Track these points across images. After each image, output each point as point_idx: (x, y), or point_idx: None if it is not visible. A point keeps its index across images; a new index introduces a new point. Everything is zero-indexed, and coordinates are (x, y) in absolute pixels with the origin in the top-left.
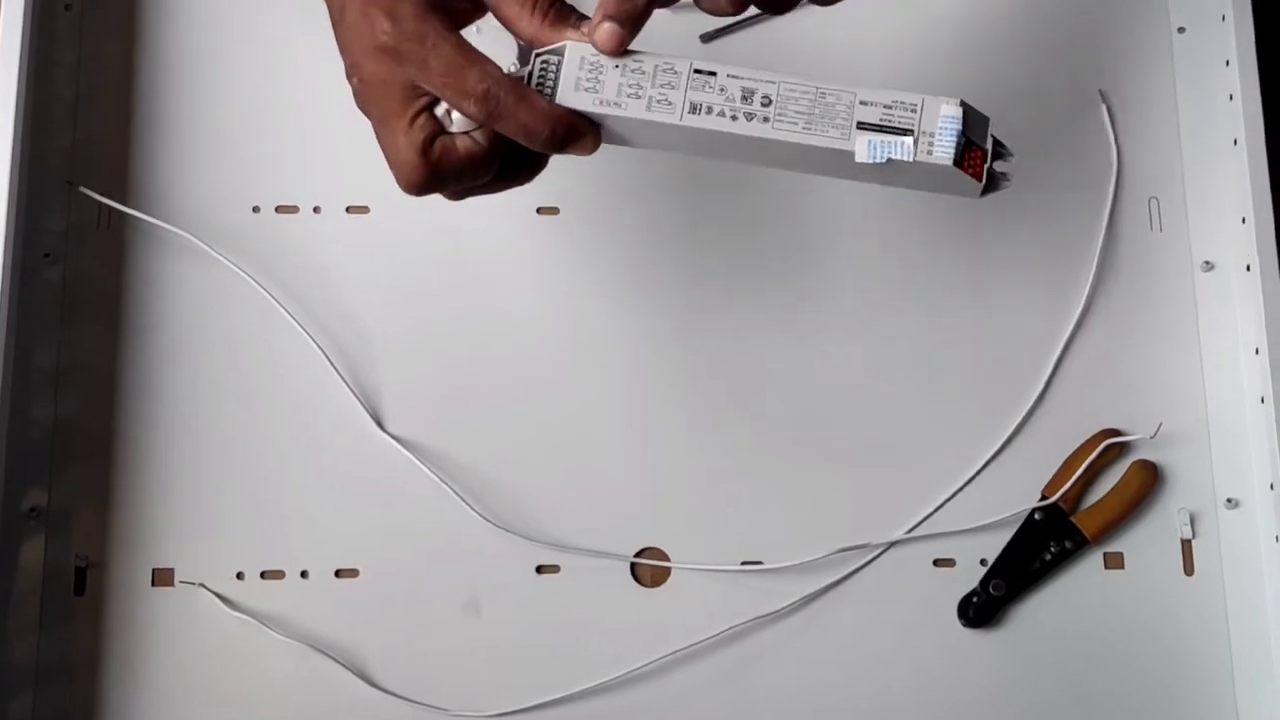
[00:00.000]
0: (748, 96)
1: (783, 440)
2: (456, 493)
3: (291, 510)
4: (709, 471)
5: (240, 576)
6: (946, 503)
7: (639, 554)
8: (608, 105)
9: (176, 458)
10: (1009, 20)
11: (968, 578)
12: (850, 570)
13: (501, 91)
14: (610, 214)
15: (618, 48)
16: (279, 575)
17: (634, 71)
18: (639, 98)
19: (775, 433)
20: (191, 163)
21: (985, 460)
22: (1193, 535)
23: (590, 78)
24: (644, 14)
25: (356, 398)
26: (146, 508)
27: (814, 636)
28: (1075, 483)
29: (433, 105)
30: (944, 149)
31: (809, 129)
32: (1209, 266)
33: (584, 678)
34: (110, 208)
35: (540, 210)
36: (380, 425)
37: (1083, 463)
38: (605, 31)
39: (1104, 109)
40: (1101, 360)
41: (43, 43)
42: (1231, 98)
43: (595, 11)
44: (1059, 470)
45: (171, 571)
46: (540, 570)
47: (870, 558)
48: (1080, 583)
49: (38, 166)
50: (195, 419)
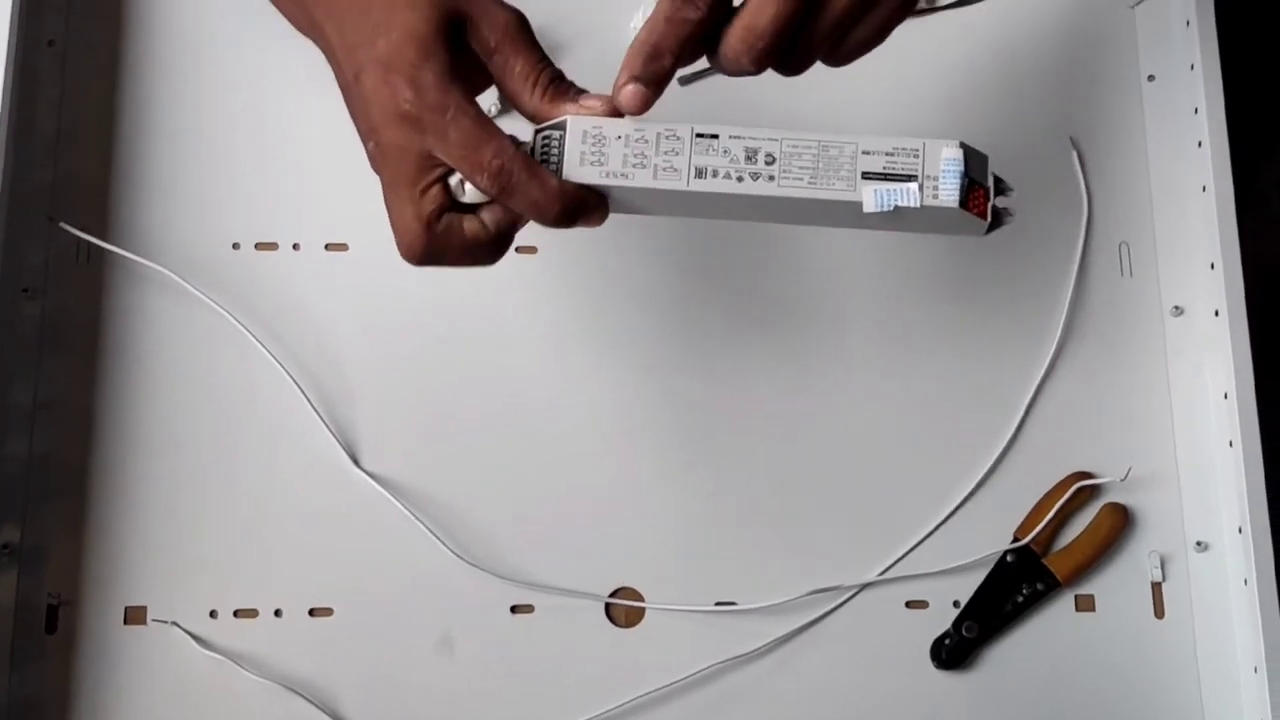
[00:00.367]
0: (751, 156)
1: (757, 481)
2: (431, 531)
3: (266, 548)
4: (683, 512)
5: (214, 615)
6: (919, 544)
7: (613, 594)
8: (615, 176)
9: (151, 495)
10: (982, 68)
11: (940, 619)
12: (823, 612)
13: (515, 168)
14: (589, 254)
15: (642, 108)
16: (252, 614)
17: (637, 141)
18: (644, 167)
19: (750, 474)
20: (172, 199)
21: (958, 502)
22: (1163, 578)
23: (594, 151)
24: (669, 75)
25: (333, 435)
26: (120, 545)
27: (787, 677)
28: (1047, 525)
29: (446, 176)
30: (949, 191)
31: (815, 183)
32: (1179, 311)
33: (558, 718)
34: (90, 243)
35: (519, 249)
36: (356, 462)
37: (1054, 505)
38: (630, 92)
39: (1075, 155)
40: (1073, 403)
41: (26, 78)
42: (1200, 145)
43: (620, 73)
44: (1031, 512)
45: (144, 609)
46: (515, 610)
47: (843, 599)
48: (1052, 625)
49: (18, 201)
50: (171, 456)
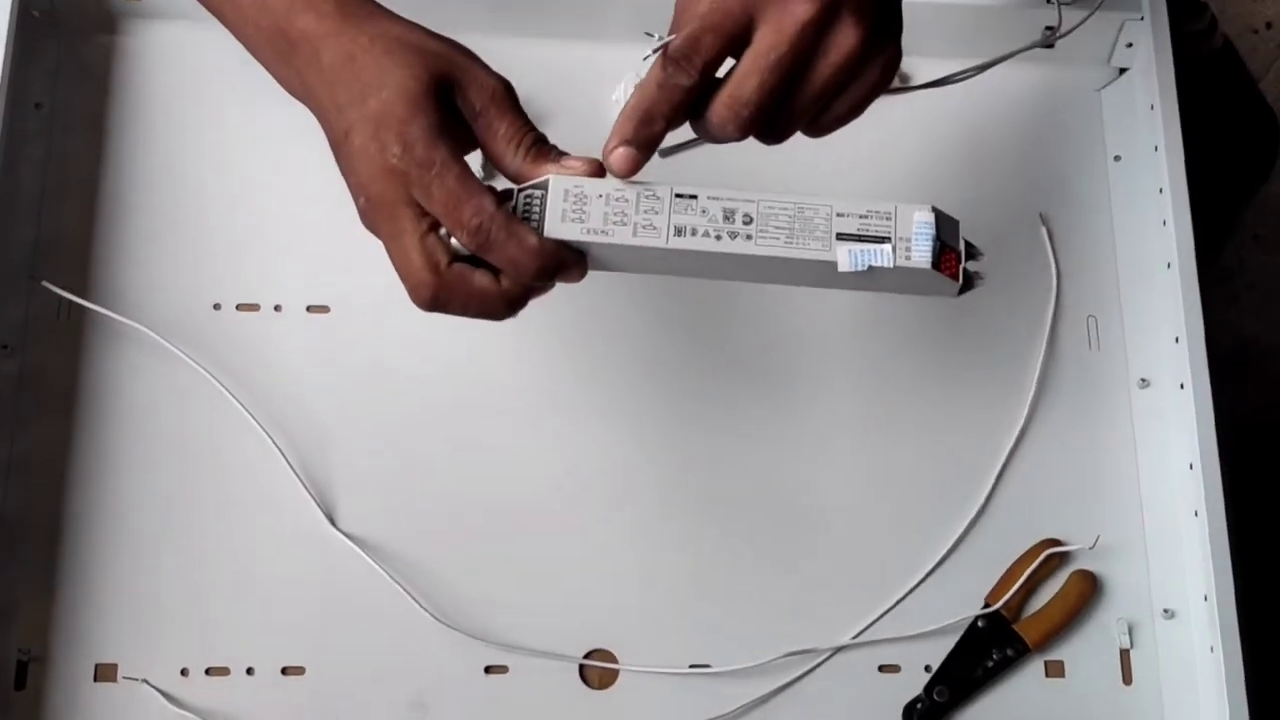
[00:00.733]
0: (729, 216)
1: (731, 543)
2: (407, 591)
3: (239, 606)
4: (658, 573)
5: (185, 673)
6: (892, 608)
7: (588, 655)
8: (595, 234)
9: (124, 551)
10: (956, 144)
11: (912, 684)
12: (797, 675)
13: (494, 227)
14: (569, 318)
15: (632, 170)
16: (224, 672)
17: (617, 199)
18: (624, 224)
19: (724, 536)
20: (154, 259)
21: (930, 567)
22: (1131, 645)
23: (575, 208)
24: (659, 139)
25: (310, 494)
26: (92, 601)
27: None
28: (1017, 591)
29: (440, 224)
30: (921, 253)
31: (791, 243)
32: (1145, 384)
33: None
34: (70, 301)
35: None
36: (333, 522)
37: (1024, 572)
38: (621, 155)
39: (1044, 231)
40: (1042, 472)
41: (13, 140)
42: (1165, 223)
43: (610, 137)
44: (1001, 578)
45: (115, 667)
46: (489, 670)
47: (816, 662)
48: (1022, 690)
49: (0, 259)
50: (145, 513)
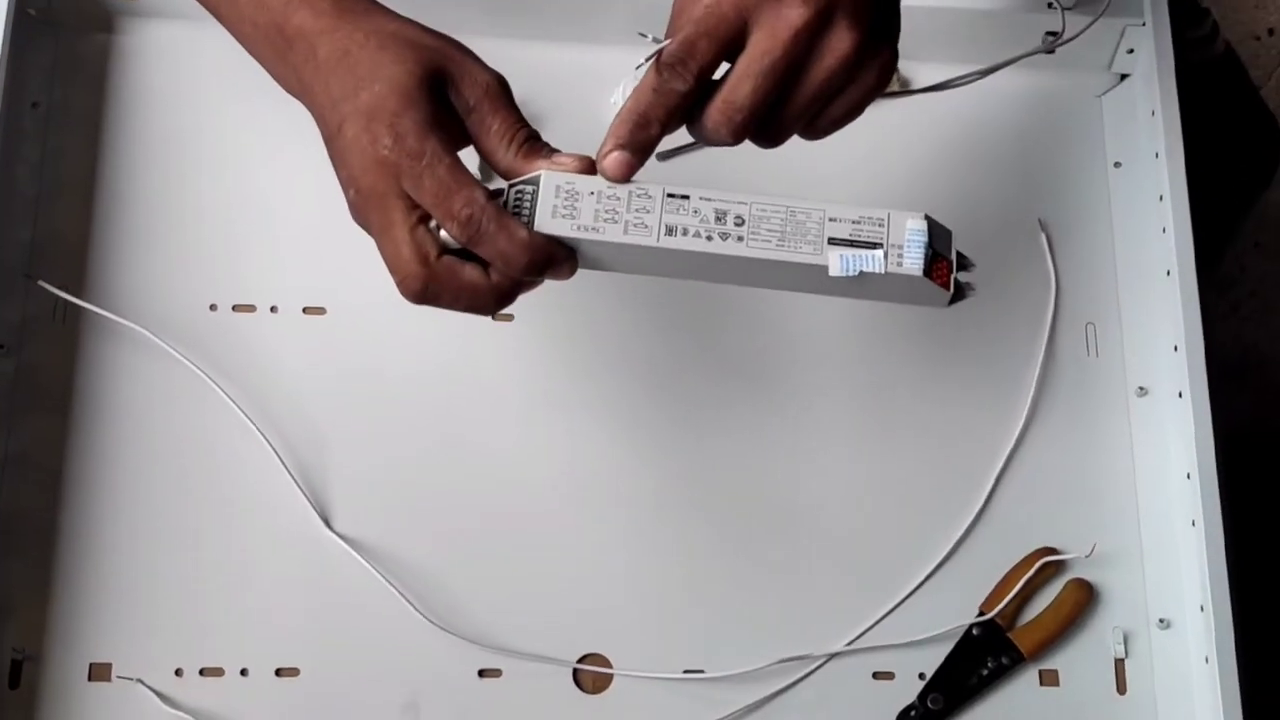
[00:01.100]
0: (721, 217)
1: (727, 548)
2: (401, 593)
3: (234, 607)
4: (653, 577)
5: (179, 673)
6: (887, 615)
7: (582, 659)
8: (585, 230)
9: (120, 551)
10: (954, 149)
11: (906, 691)
12: (791, 681)
13: (484, 218)
14: (565, 320)
15: (627, 175)
16: (218, 672)
17: (609, 197)
18: (615, 222)
19: (720, 541)
20: (150, 259)
21: (925, 575)
22: (1126, 654)
23: (566, 204)
24: (655, 144)
25: (305, 495)
26: (87, 601)
27: None
28: (1012, 599)
29: (430, 217)
30: (913, 260)
31: (782, 246)
32: (1143, 392)
33: None
34: (67, 301)
35: (496, 316)
36: (328, 524)
37: (1020, 580)
38: (615, 159)
39: (1043, 238)
40: (1039, 479)
41: (9, 139)
42: (1165, 231)
43: (605, 140)
44: (996, 586)
45: (109, 666)
46: (482, 674)
47: (811, 669)
48: (1016, 699)
49: None
50: (140, 513)
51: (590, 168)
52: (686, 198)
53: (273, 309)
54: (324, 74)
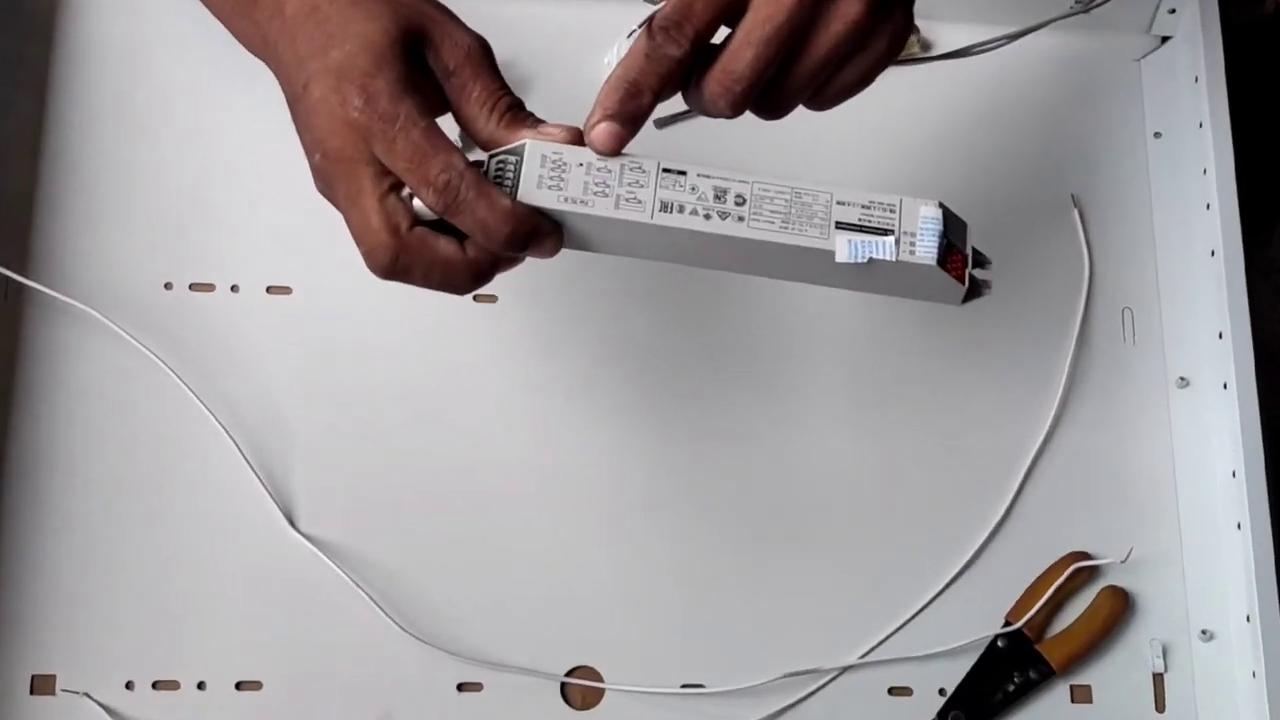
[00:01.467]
0: (720, 195)
1: (728, 552)
2: (372, 599)
3: (190, 614)
4: (648, 583)
5: (129, 686)
6: (904, 626)
7: (570, 673)
8: (573, 203)
9: (65, 552)
10: (977, 119)
11: (925, 708)
12: (799, 696)
13: (463, 185)
14: (551, 305)
15: (616, 148)
16: (173, 686)
17: (599, 169)
18: (606, 195)
19: (720, 544)
20: (101, 233)
21: (946, 581)
22: (1165, 668)
23: (553, 175)
24: (646, 114)
25: (268, 492)
26: (29, 607)
27: None
28: (1041, 608)
29: (402, 185)
30: (926, 249)
31: (786, 228)
32: (1184, 383)
33: None
34: (10, 279)
35: (477, 298)
36: (292, 523)
37: (1049, 587)
38: (604, 131)
39: (1076, 215)
40: (1070, 478)
41: None
42: (1209, 207)
43: (593, 110)
44: (1024, 594)
45: (53, 679)
46: (462, 688)
47: (821, 683)
48: (1046, 716)
49: None
50: (88, 510)
51: (580, 139)
52: (683, 173)
53: (233, 288)
54: (291, 30)
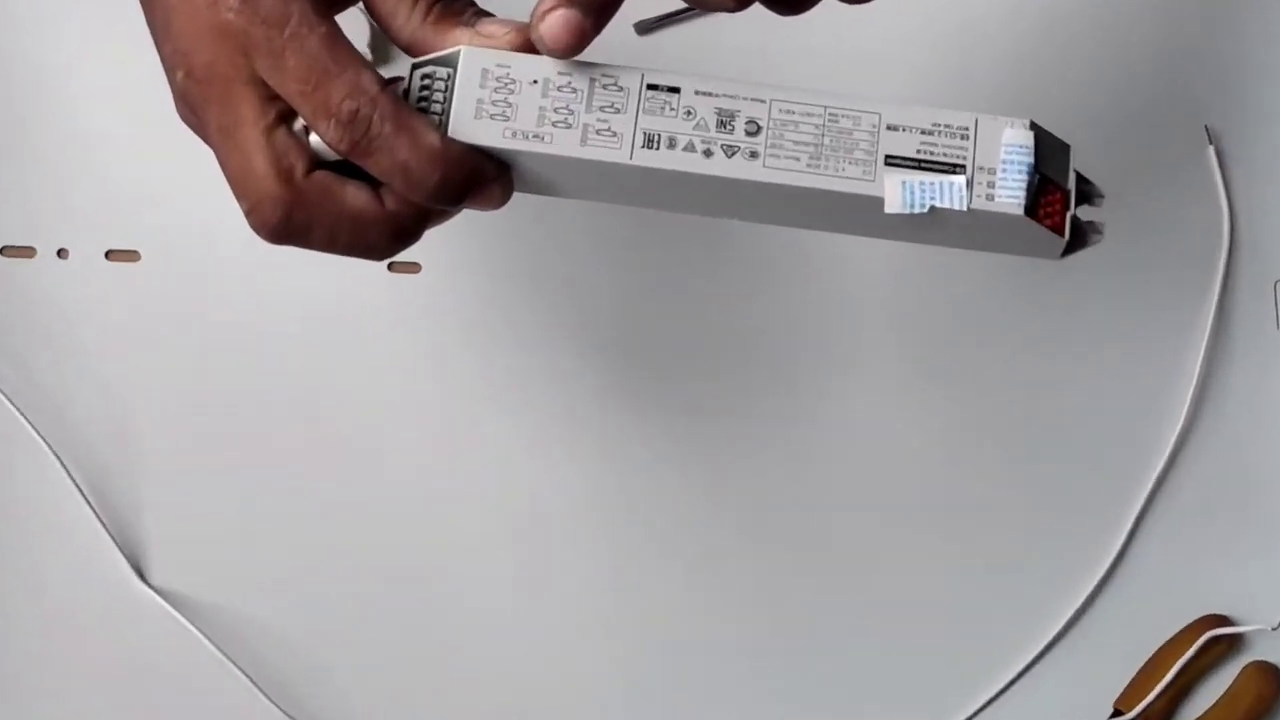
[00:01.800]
0: (726, 122)
1: (736, 612)
2: (243, 671)
3: (11, 684)
4: (624, 654)
5: None
6: (979, 713)
7: None
8: (525, 139)
9: None
10: (1072, 26)
11: None
12: None
13: (376, 114)
14: (496, 271)
15: (575, 47)
16: None
17: (561, 89)
18: (570, 126)
19: (725, 599)
20: None
21: (1034, 654)
22: None
23: (498, 99)
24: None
25: (109, 534)
26: None
27: None
28: (1163, 692)
29: (295, 115)
30: (1010, 191)
31: (816, 166)
32: None
33: None
34: None
35: (393, 267)
36: (140, 574)
37: (1174, 663)
38: (559, 21)
39: (1211, 153)
40: (1201, 515)
41: None
42: None
43: None
44: (1139, 673)
45: None
46: None
47: None
48: None
49: None
50: None
51: (533, 42)
52: (676, 91)
53: (60, 253)
54: None
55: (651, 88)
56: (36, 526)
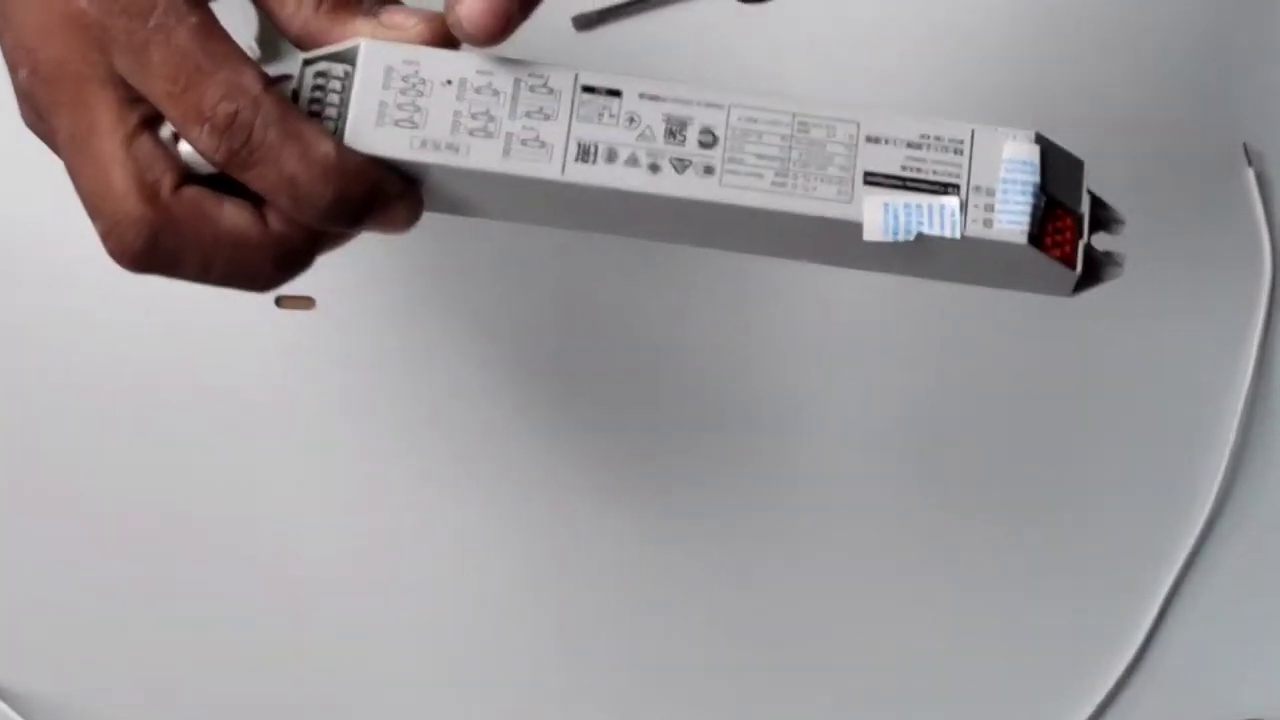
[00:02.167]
0: (676, 131)
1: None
2: None
3: None
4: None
5: None
6: None
7: None
8: (436, 149)
9: None
10: (1098, 25)
11: None
12: None
13: (258, 120)
14: (401, 309)
15: (500, 33)
16: None
17: (480, 90)
18: (490, 135)
19: (686, 707)
20: None
21: None
22: None
23: (404, 103)
24: None
25: None
26: None
27: None
28: None
29: (162, 120)
30: (1012, 216)
31: (782, 185)
32: None
33: None
34: None
35: (282, 302)
36: None
37: None
38: (478, 6)
39: (1250, 175)
40: (1236, 601)
41: None
42: None
43: None
44: None
45: None
46: None
47: None
48: None
49: None
50: None
51: (446, 35)
52: (617, 94)
53: None
54: None
55: (588, 90)
56: None
